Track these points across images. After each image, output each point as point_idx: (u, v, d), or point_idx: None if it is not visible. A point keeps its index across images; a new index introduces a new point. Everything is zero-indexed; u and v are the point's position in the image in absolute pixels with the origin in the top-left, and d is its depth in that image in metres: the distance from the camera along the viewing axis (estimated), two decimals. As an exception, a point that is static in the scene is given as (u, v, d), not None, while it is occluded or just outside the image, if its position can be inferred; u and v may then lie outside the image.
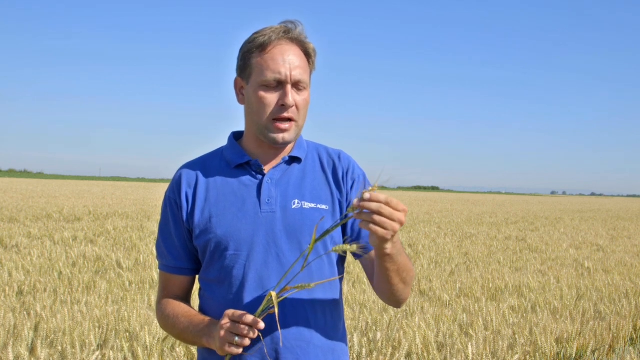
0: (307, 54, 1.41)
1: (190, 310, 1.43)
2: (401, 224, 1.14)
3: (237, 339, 1.24)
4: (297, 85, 1.37)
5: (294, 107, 1.37)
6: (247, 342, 1.24)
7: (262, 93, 1.36)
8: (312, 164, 1.46)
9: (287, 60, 1.35)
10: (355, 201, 1.14)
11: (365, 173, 1.49)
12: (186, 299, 1.49)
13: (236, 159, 1.43)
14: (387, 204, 1.12)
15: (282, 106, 1.36)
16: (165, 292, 1.48)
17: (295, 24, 1.40)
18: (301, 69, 1.37)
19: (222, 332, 1.25)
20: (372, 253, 1.40)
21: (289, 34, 1.37)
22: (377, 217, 1.12)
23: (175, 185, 1.44)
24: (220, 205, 1.39)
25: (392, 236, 1.16)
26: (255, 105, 1.38)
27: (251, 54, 1.38)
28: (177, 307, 1.44)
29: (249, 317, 1.24)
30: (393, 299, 1.37)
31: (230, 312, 1.26)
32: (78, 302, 4.89)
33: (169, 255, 1.45)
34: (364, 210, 1.14)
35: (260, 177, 1.41)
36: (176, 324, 1.40)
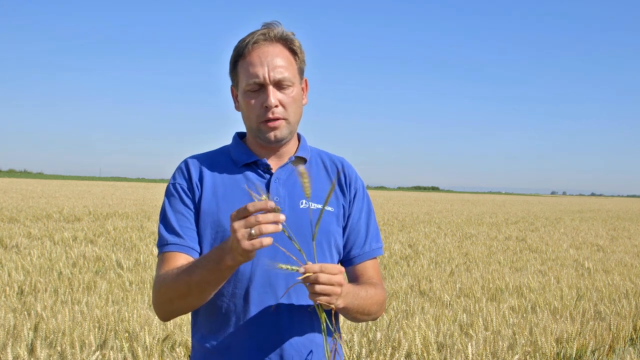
0: (291, 51, 1.41)
1: None
2: (340, 285, 1.20)
3: (253, 231, 1.10)
4: (279, 84, 1.37)
5: (279, 107, 1.37)
6: (265, 227, 1.10)
7: (247, 99, 1.38)
8: (316, 167, 1.49)
9: (264, 62, 1.36)
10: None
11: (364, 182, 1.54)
12: None
13: (244, 158, 1.44)
14: (322, 271, 1.18)
15: (266, 108, 1.37)
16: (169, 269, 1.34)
17: (274, 24, 1.40)
18: (282, 67, 1.37)
19: (237, 233, 1.11)
20: (358, 269, 1.47)
21: (266, 34, 1.38)
22: (317, 287, 1.18)
23: (185, 172, 1.43)
24: (228, 200, 1.39)
25: (337, 299, 1.21)
26: (245, 111, 1.40)
27: (236, 63, 1.41)
28: (182, 266, 1.31)
29: (257, 203, 1.11)
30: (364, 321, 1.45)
31: (234, 212, 1.14)
32: (78, 302, 4.90)
33: (185, 236, 1.37)
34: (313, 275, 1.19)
35: (267, 176, 1.43)
36: (181, 271, 1.27)
